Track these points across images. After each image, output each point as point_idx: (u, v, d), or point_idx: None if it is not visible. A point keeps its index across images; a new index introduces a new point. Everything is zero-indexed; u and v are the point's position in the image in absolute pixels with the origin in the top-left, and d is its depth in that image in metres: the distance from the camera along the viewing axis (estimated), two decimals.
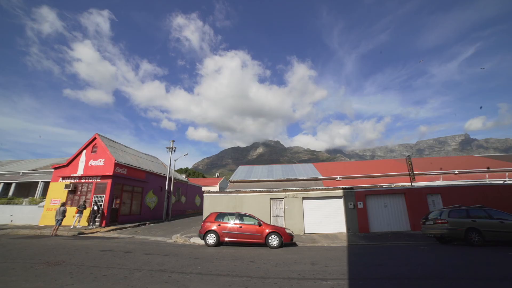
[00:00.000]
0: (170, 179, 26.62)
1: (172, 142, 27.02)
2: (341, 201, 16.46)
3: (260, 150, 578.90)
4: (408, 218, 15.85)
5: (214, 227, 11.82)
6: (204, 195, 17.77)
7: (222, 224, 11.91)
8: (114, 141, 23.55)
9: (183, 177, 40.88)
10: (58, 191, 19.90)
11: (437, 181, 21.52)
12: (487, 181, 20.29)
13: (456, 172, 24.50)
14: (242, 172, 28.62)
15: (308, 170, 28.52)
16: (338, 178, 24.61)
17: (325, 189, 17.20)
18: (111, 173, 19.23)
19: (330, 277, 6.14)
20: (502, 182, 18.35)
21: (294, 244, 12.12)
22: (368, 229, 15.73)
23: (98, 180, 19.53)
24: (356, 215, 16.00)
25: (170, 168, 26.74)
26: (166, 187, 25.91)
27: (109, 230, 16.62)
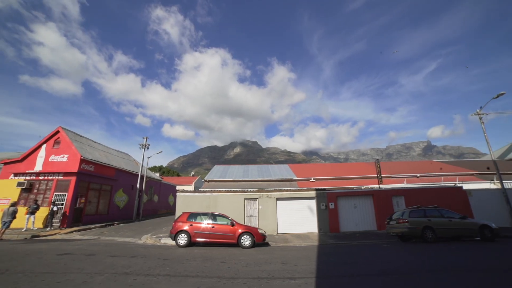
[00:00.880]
0: (142, 177, 25.46)
1: (145, 139, 25.88)
2: (313, 202, 16.98)
3: (237, 150, 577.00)
4: (375, 218, 16.82)
5: (185, 227, 11.53)
6: (177, 194, 17.27)
7: (194, 224, 11.67)
8: (81, 136, 21.93)
9: (156, 175, 39.37)
10: (8, 190, 17.70)
11: (402, 184, 23.14)
12: (442, 183, 22.27)
13: (418, 175, 26.55)
14: (217, 172, 28.31)
15: (283, 171, 29.04)
16: (312, 180, 25.37)
17: (298, 190, 17.63)
18: (75, 170, 17.84)
19: (299, 276, 6.30)
20: (453, 184, 20.27)
21: (267, 244, 12.25)
22: (338, 229, 16.42)
23: (60, 177, 17.98)
24: (328, 216, 16.62)
25: (142, 165, 25.59)
26: (138, 185, 24.74)
27: (71, 232, 15.36)
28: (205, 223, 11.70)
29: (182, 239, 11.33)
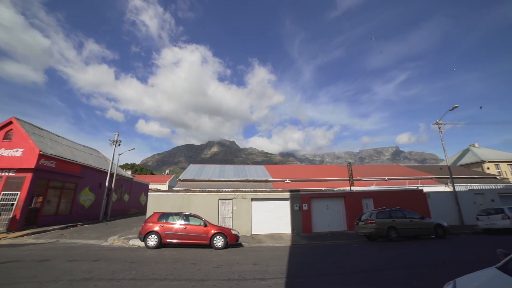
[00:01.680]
0: (112, 175, 23.98)
1: (117, 135, 24.43)
2: (287, 203, 17.26)
3: (214, 149, 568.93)
4: (346, 219, 17.54)
5: (156, 228, 11.07)
6: (148, 193, 16.54)
7: (165, 225, 11.25)
8: (41, 128, 20.03)
9: (128, 173, 37.40)
10: None
11: (371, 186, 24.45)
12: (406, 186, 23.98)
13: (386, 178, 28.25)
14: (192, 171, 27.64)
15: (259, 172, 29.21)
16: (287, 181, 25.83)
17: (273, 191, 17.82)
18: (32, 166, 16.12)
19: (269, 277, 6.34)
20: (415, 187, 21.92)
21: (240, 245, 12.19)
22: (311, 229, 16.87)
23: (12, 174, 16.01)
24: (301, 217, 17.00)
25: (112, 163, 24.11)
26: (107, 183, 23.24)
27: (22, 235, 13.67)
28: (177, 224, 11.33)
29: (152, 240, 10.86)
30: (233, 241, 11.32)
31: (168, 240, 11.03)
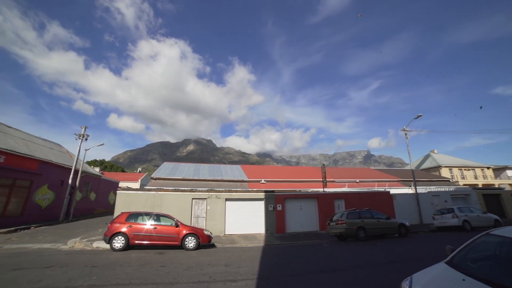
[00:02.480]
0: (76, 171, 22.21)
1: (84, 128, 22.67)
2: (262, 203, 17.33)
3: (191, 147, 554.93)
4: (318, 220, 18.07)
5: (123, 229, 10.42)
6: (117, 192, 15.58)
7: (134, 225, 10.64)
8: None
9: (96, 170, 34.96)
10: None
11: (344, 188, 25.54)
12: (375, 188, 25.44)
13: (357, 181, 29.71)
14: (166, 169, 26.66)
15: (235, 172, 29.07)
16: (263, 181, 26.00)
17: (248, 191, 17.79)
18: None
19: (240, 278, 6.27)
20: (383, 189, 23.34)
21: (213, 246, 11.97)
22: (284, 230, 17.12)
23: None
24: (275, 217, 17.17)
25: (78, 158, 22.33)
26: (70, 181, 21.46)
27: None
28: (147, 224, 10.79)
29: (118, 242, 10.20)
30: (205, 241, 11.07)
31: (137, 242, 10.46)
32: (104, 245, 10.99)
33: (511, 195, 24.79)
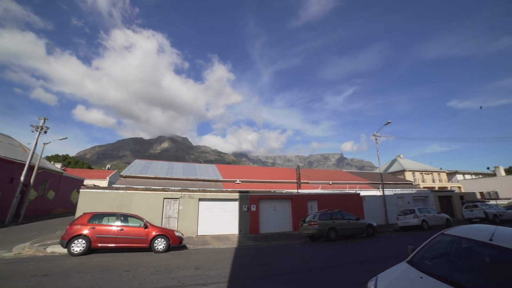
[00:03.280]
0: (31, 167, 20.07)
1: (43, 120, 20.57)
2: (236, 204, 17.14)
3: (165, 144, 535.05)
4: (292, 221, 18.35)
5: (85, 231, 9.57)
6: (80, 190, 14.35)
7: (98, 227, 9.84)
8: None
9: (57, 166, 31.99)
10: None
11: (317, 189, 26.30)
12: (347, 190, 26.61)
13: (330, 182, 30.80)
14: (137, 167, 25.29)
15: (210, 171, 28.56)
16: (238, 181, 25.83)
17: (222, 191, 17.52)
18: None
19: (211, 281, 6.06)
20: (354, 191, 24.49)
21: (184, 247, 11.54)
22: (258, 230, 17.11)
23: None
24: (249, 218, 17.08)
25: (33, 153, 20.20)
26: (23, 178, 19.29)
27: None
28: (113, 226, 10.05)
29: (78, 246, 9.32)
30: (176, 243, 10.63)
31: (101, 245, 9.68)
32: (61, 250, 9.91)
33: (459, 197, 27.91)
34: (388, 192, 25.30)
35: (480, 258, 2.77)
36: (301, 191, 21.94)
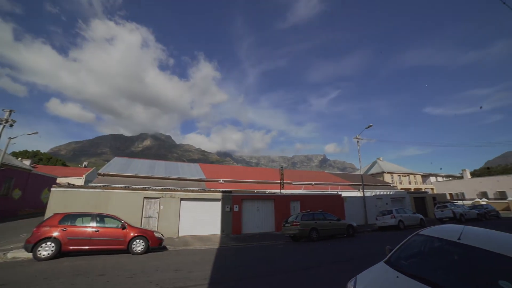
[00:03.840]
0: None
1: (8, 112, 19.02)
2: (219, 204, 16.93)
3: (147, 142, 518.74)
4: (274, 221, 18.42)
5: (55, 233, 8.89)
6: (51, 189, 13.44)
7: (70, 228, 9.20)
8: None
9: (25, 163, 29.80)
10: None
11: (300, 190, 26.62)
12: (329, 191, 27.21)
13: (313, 183, 31.34)
14: (117, 165, 24.23)
15: (193, 170, 28.03)
16: (221, 181, 25.56)
17: (205, 191, 17.22)
18: None
19: (191, 284, 5.89)
20: (336, 192, 25.10)
21: (164, 248, 11.17)
22: (240, 231, 16.99)
23: None
24: (231, 218, 16.92)
25: None
26: None
27: None
28: (87, 227, 9.46)
29: (46, 250, 8.60)
30: (155, 244, 10.25)
31: (73, 248, 9.06)
32: (25, 255, 9.00)
33: (431, 198, 29.68)
34: (368, 193, 26.17)
35: (450, 256, 2.92)
36: (284, 191, 22.10)
